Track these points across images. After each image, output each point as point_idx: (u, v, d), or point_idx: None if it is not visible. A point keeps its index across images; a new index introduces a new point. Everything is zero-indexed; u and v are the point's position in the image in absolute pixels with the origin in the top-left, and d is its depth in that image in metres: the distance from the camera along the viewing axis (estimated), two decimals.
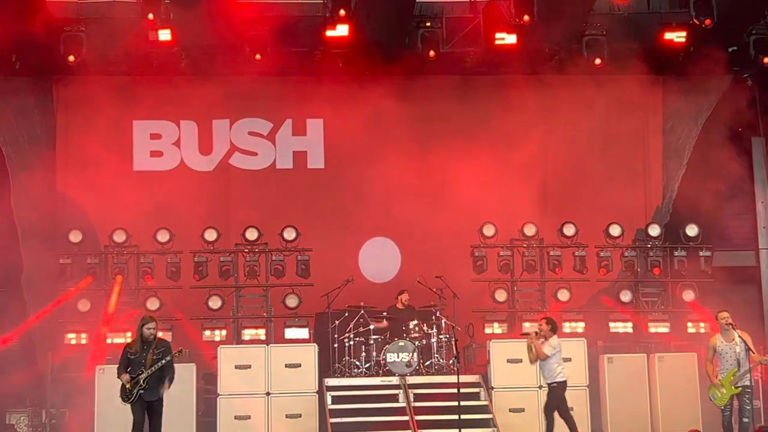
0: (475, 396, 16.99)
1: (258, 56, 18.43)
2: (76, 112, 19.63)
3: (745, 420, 14.80)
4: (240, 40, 18.21)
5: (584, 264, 18.72)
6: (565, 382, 15.26)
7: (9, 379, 18.23)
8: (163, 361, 14.15)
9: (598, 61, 18.84)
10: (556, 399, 15.22)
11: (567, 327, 18.25)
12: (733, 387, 14.77)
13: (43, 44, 17.55)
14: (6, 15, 16.94)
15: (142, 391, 14.12)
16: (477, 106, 20.04)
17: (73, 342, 17.86)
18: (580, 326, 18.28)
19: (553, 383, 15.20)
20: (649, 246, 18.98)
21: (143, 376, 14.09)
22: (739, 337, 14.85)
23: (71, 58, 18.08)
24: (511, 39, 18.24)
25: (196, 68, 18.79)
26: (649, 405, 17.37)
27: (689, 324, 18.38)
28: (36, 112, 19.15)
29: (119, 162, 19.56)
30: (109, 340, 17.72)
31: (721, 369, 14.83)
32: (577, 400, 17.05)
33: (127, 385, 14.12)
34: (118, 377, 14.29)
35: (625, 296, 18.52)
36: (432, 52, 18.62)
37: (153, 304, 17.97)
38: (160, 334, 14.88)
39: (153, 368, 14.11)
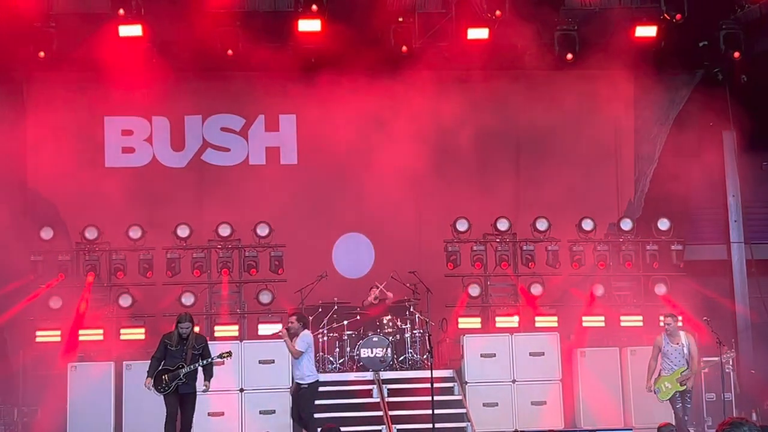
0: (449, 391, 17.03)
1: (230, 52, 18.36)
2: (47, 108, 19.42)
3: (686, 418, 15.27)
4: (211, 36, 18.12)
5: (557, 258, 18.77)
6: (317, 382, 14.99)
7: None
8: (205, 362, 14.29)
9: (569, 56, 18.88)
10: (305, 400, 14.89)
11: (540, 321, 18.30)
12: (678, 384, 15.17)
13: (12, 40, 17.39)
14: None
15: (180, 384, 14.12)
16: (449, 100, 20.01)
17: (44, 339, 17.72)
18: (553, 320, 18.33)
19: (303, 384, 14.84)
20: (621, 240, 19.05)
21: (184, 370, 14.16)
22: (686, 338, 15.35)
23: (41, 53, 17.95)
24: (483, 34, 18.28)
25: (167, 64, 18.64)
26: (622, 398, 17.46)
27: (661, 318, 18.45)
28: (6, 109, 18.96)
29: (91, 158, 19.45)
30: (81, 338, 17.61)
31: (665, 367, 15.31)
32: (550, 393, 17.18)
33: (164, 376, 14.11)
34: (149, 372, 14.25)
35: (598, 290, 18.59)
36: (404, 47, 18.61)
37: (125, 300, 17.89)
38: (195, 330, 14.79)
39: (193, 366, 14.22)
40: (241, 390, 16.77)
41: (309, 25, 18.06)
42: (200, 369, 14.44)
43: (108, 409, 16.57)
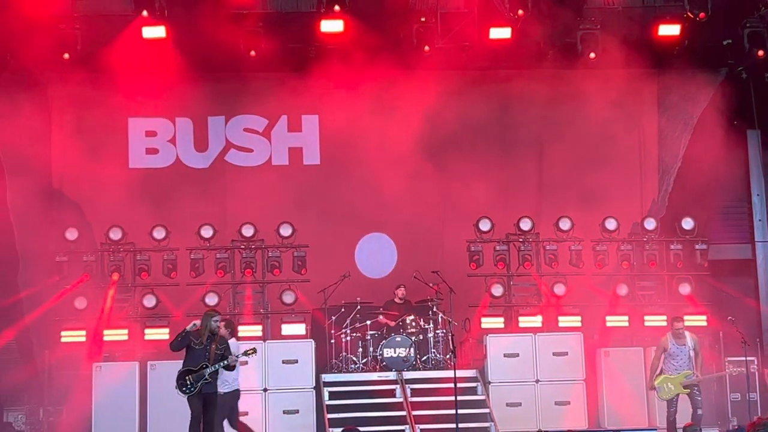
0: (472, 390, 17.02)
1: (252, 52, 18.46)
2: (71, 109, 19.61)
3: (700, 412, 15.36)
4: (234, 37, 18.20)
5: (580, 258, 18.71)
6: (238, 390, 14.91)
7: (6, 377, 18.28)
8: (225, 363, 14.21)
9: (592, 55, 18.85)
10: (227, 409, 14.78)
11: (563, 321, 18.26)
12: (682, 387, 15.30)
13: (38, 42, 17.51)
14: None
15: (204, 384, 14.15)
16: (472, 100, 20.03)
17: (70, 339, 17.82)
18: (576, 320, 18.27)
19: (226, 392, 14.71)
20: (645, 239, 18.98)
21: (208, 370, 14.10)
22: (690, 339, 15.50)
23: (66, 55, 18.10)
24: (505, 33, 18.26)
25: (190, 65, 18.74)
26: (646, 398, 17.38)
27: (686, 317, 18.37)
28: (31, 110, 19.07)
29: (115, 159, 19.52)
30: (106, 338, 17.71)
31: (670, 367, 15.46)
32: (574, 393, 17.15)
33: (188, 377, 14.10)
34: (174, 345, 14.19)
35: (622, 290, 18.53)
36: (427, 47, 18.63)
37: (149, 301, 17.98)
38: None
39: (218, 365, 14.15)
40: (265, 390, 16.82)
41: (331, 25, 18.11)
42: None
43: (133, 409, 16.66)
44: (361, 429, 14.53)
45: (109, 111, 19.47)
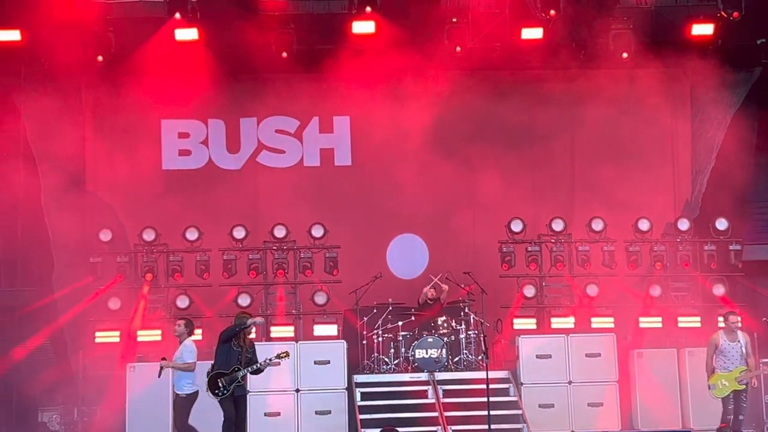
0: (505, 392, 16.99)
1: (284, 54, 18.53)
2: (105, 111, 19.76)
3: (741, 417, 15.18)
4: (266, 38, 18.28)
5: (613, 259, 18.64)
6: (196, 393, 14.82)
7: (41, 377, 18.45)
8: (255, 367, 14.34)
9: (625, 54, 18.76)
10: (186, 412, 14.74)
11: (596, 322, 18.19)
12: (737, 383, 15.06)
13: (71, 45, 17.65)
14: (35, 16, 17.10)
15: (236, 387, 14.23)
16: (504, 101, 19.99)
17: (104, 340, 17.94)
18: (609, 321, 18.19)
19: (183, 394, 14.71)
20: (678, 240, 18.87)
21: (240, 373, 14.22)
22: (742, 336, 15.28)
23: (100, 58, 18.25)
24: (537, 33, 18.22)
25: (223, 67, 18.85)
26: (680, 400, 17.30)
27: (720, 318, 18.22)
28: (65, 113, 19.25)
29: (148, 161, 19.65)
30: (139, 338, 17.83)
31: (723, 365, 15.19)
32: (607, 395, 17.07)
33: (220, 380, 14.19)
34: (229, 333, 14.29)
35: (655, 291, 18.43)
36: (458, 48, 18.61)
37: (182, 301, 18.07)
38: None
39: (251, 368, 14.29)
40: (297, 390, 16.87)
41: (363, 26, 18.14)
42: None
43: (166, 409, 16.69)
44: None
45: (143, 113, 19.61)
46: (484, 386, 15.20)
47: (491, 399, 15.24)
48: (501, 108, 20.01)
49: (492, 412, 15.16)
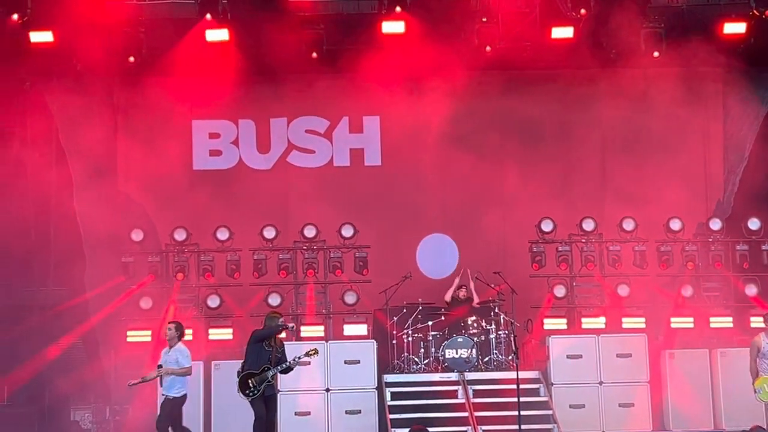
0: (535, 392, 16.95)
1: (314, 54, 18.56)
2: (137, 112, 19.88)
3: None
4: (296, 39, 18.31)
5: (644, 259, 18.55)
6: (185, 396, 14.76)
7: (73, 376, 18.56)
8: (284, 366, 14.42)
9: (656, 54, 18.65)
10: (177, 413, 14.69)
11: (627, 322, 18.10)
12: None
13: (103, 45, 17.77)
14: (67, 18, 17.23)
15: (267, 387, 14.30)
16: (534, 100, 19.95)
17: (135, 339, 18.03)
18: (640, 321, 18.10)
19: (171, 396, 14.62)
20: (710, 240, 18.76)
21: (271, 373, 14.31)
22: None
23: (131, 58, 18.35)
24: (567, 33, 18.15)
25: (253, 67, 18.92)
26: (712, 400, 17.19)
27: (752, 319, 18.11)
28: (97, 113, 19.39)
29: (179, 161, 19.76)
30: None
31: (766, 367, 14.96)
32: (638, 395, 17.00)
33: (251, 380, 14.25)
34: (263, 335, 14.39)
35: (687, 291, 18.32)
36: (488, 47, 18.58)
37: (213, 301, 18.15)
38: None
39: (281, 367, 14.38)
40: (327, 390, 16.90)
41: (393, 26, 18.12)
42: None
43: (197, 408, 16.80)
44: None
45: (174, 113, 19.71)
46: (514, 386, 15.18)
47: (522, 399, 15.21)
48: (531, 107, 19.97)
49: (522, 413, 15.12)
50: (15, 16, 17.20)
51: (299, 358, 14.58)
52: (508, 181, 19.80)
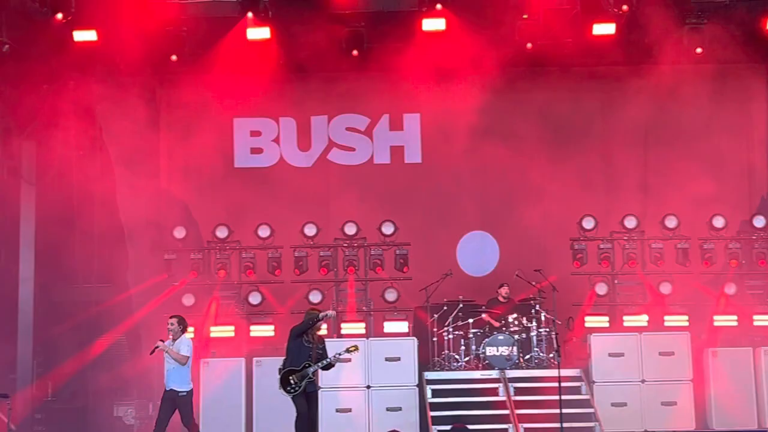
0: (577, 390, 16.88)
1: (355, 52, 18.60)
2: (179, 110, 20.05)
3: None
4: (337, 36, 18.36)
5: (687, 256, 18.42)
6: (192, 391, 14.65)
7: (116, 372, 18.72)
8: (326, 362, 14.48)
9: (699, 49, 18.50)
10: (188, 408, 14.52)
11: (670, 320, 17.99)
12: None
13: (146, 44, 17.91)
14: (110, 17, 17.39)
15: (308, 383, 14.37)
16: (575, 97, 19.89)
17: None
18: (683, 319, 18.02)
19: (182, 392, 14.47)
20: (754, 237, 18.60)
21: (311, 369, 14.36)
22: None
23: (174, 57, 18.49)
24: (609, 29, 18.05)
25: (294, 65, 18.99)
26: (755, 399, 17.04)
27: None
28: (140, 111, 19.50)
29: (221, 159, 19.90)
30: (213, 334, 18.04)
31: None
32: (681, 393, 16.88)
33: (292, 377, 14.31)
34: (301, 329, 14.42)
35: (730, 289, 18.17)
36: (529, 44, 18.52)
37: (255, 298, 18.26)
38: None
39: (321, 363, 14.44)
40: (368, 387, 16.92)
41: (433, 23, 18.09)
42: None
43: (239, 404, 16.95)
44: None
45: (215, 111, 19.84)
46: (555, 384, 15.15)
47: (563, 397, 15.18)
48: (572, 104, 19.91)
49: (564, 410, 15.07)
50: (59, 16, 17.34)
51: (340, 354, 14.62)
52: (548, 178, 19.75)
